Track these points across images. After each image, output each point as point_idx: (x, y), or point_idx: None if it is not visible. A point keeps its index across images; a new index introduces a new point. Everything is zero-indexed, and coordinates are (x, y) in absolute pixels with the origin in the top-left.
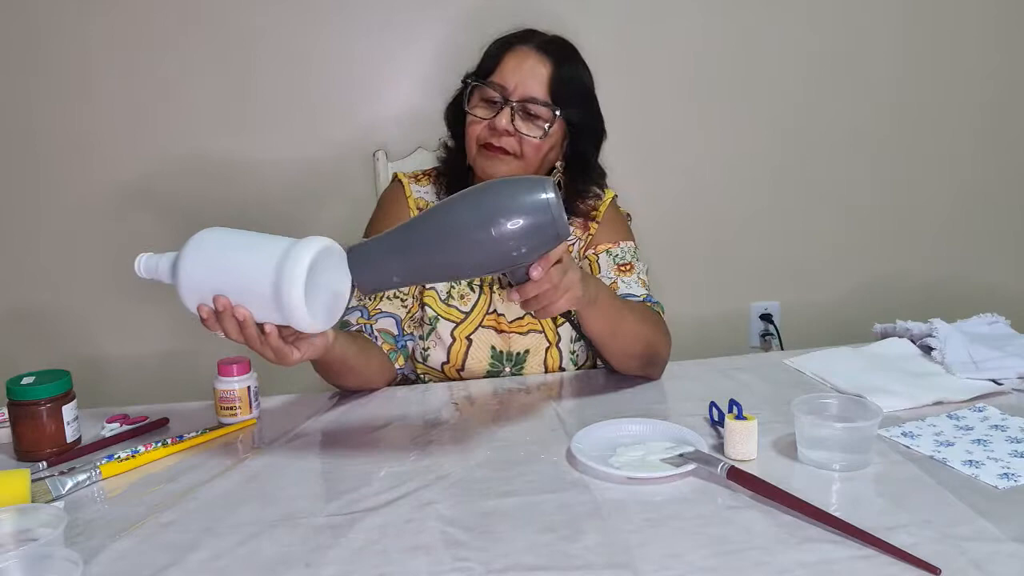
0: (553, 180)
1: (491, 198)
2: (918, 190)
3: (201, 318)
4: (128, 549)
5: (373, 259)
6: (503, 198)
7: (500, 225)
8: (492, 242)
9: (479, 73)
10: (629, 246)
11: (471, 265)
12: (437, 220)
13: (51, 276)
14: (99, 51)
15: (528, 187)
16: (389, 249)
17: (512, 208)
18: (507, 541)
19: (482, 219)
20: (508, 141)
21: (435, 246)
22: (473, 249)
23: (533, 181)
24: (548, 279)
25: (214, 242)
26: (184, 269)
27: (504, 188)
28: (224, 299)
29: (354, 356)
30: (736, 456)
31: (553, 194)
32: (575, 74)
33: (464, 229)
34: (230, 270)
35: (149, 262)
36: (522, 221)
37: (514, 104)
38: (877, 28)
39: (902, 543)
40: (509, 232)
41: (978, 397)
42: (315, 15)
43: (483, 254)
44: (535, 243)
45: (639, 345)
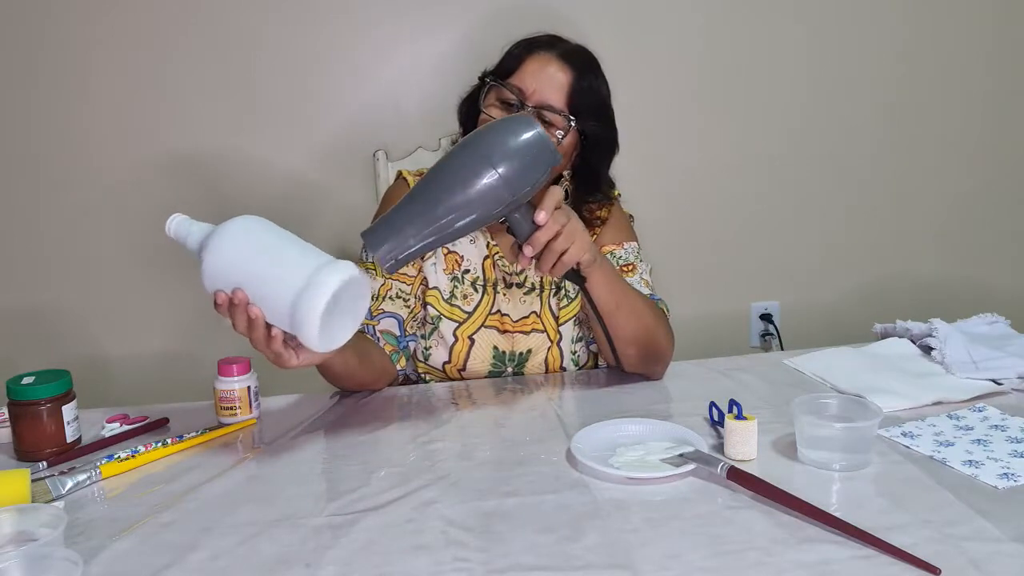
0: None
1: (480, 135)
2: (918, 190)
3: (215, 302)
4: (128, 549)
5: (388, 231)
6: (491, 131)
7: (495, 153)
8: (492, 172)
9: (498, 72)
10: (633, 247)
11: (479, 205)
12: (437, 172)
13: (51, 276)
14: (99, 51)
15: (515, 119)
16: (400, 217)
17: (501, 135)
18: (507, 541)
19: (478, 153)
20: None
21: (441, 196)
22: (476, 186)
23: (519, 117)
24: (555, 221)
25: (251, 235)
26: (213, 250)
27: (491, 125)
28: (243, 294)
29: (355, 361)
30: (736, 456)
31: (538, 123)
32: (594, 86)
33: (463, 169)
34: (257, 270)
35: (181, 226)
36: (513, 142)
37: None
38: (877, 28)
39: (902, 543)
40: (505, 156)
41: (978, 397)
42: (315, 15)
43: (487, 189)
44: (532, 162)
45: (641, 327)
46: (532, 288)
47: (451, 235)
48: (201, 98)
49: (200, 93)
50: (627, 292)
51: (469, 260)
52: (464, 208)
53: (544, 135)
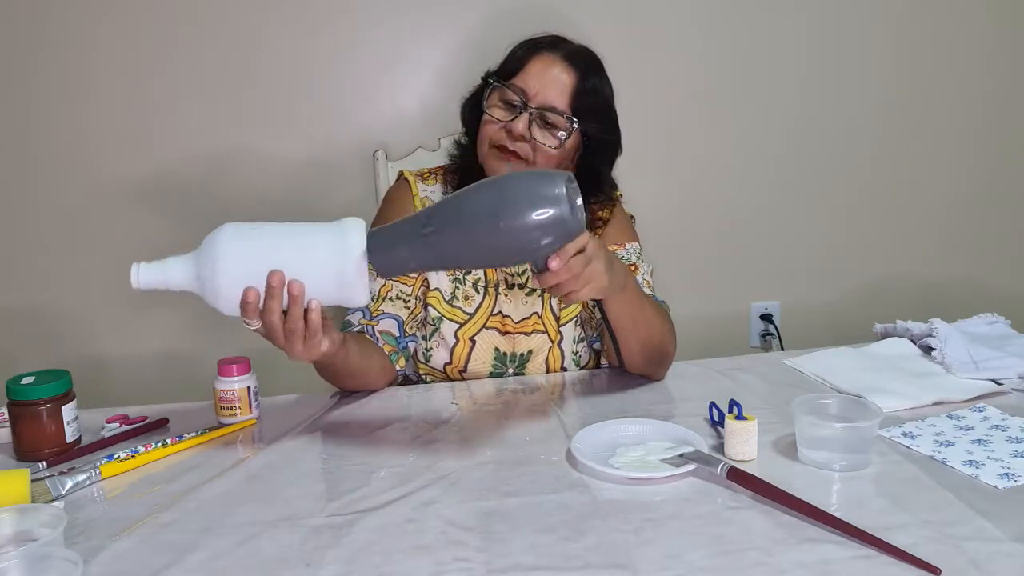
0: (569, 174)
1: (507, 191)
2: (918, 190)
3: (245, 302)
4: (128, 549)
5: (392, 246)
6: (518, 191)
7: (513, 219)
8: (505, 235)
9: (501, 73)
10: (634, 247)
11: (485, 257)
12: (454, 211)
13: (51, 276)
14: (99, 51)
15: (543, 181)
16: (407, 236)
17: (526, 201)
18: (507, 541)
19: (496, 212)
20: (522, 147)
21: (451, 237)
22: (487, 242)
23: (548, 176)
24: (567, 269)
25: (246, 232)
26: (222, 263)
27: (520, 181)
28: (280, 274)
29: (356, 358)
30: (736, 456)
31: (565, 189)
32: (598, 88)
33: (479, 221)
34: (280, 252)
35: (148, 273)
36: (536, 215)
37: (533, 110)
38: (878, 29)
39: (902, 543)
40: (522, 225)
41: (978, 397)
42: (315, 15)
43: (497, 247)
44: (549, 237)
45: (654, 338)
46: (534, 289)
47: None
48: (201, 98)
49: (200, 93)
50: (644, 309)
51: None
52: (472, 259)
53: (567, 216)
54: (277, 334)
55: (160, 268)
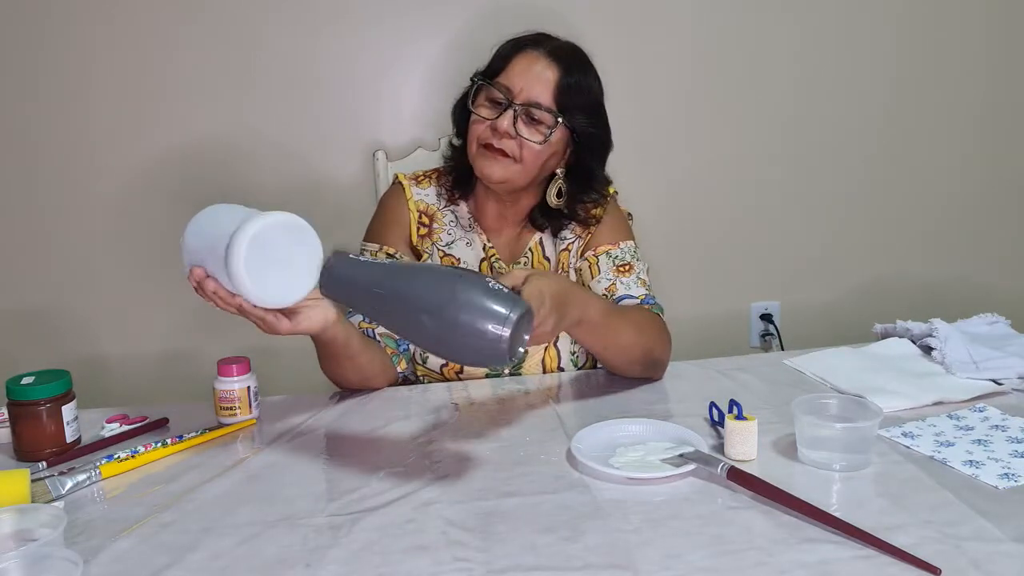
0: (524, 308)
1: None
2: (918, 190)
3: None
4: (128, 549)
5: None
6: (469, 307)
7: (451, 334)
8: (442, 341)
9: (487, 73)
10: (629, 246)
11: (424, 347)
12: (402, 293)
13: (51, 276)
14: (99, 52)
15: (494, 314)
16: (358, 285)
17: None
18: (507, 541)
19: (442, 324)
20: (508, 144)
21: (393, 315)
22: (425, 338)
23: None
24: None
25: (207, 215)
26: (184, 242)
27: (475, 297)
28: (199, 270)
29: (357, 344)
30: (736, 456)
31: (511, 330)
32: (583, 83)
33: (423, 319)
34: (203, 242)
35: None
36: (472, 341)
37: (517, 107)
38: (877, 28)
39: (902, 543)
40: (458, 345)
41: (978, 397)
42: (315, 15)
43: (432, 346)
44: (477, 358)
45: (635, 354)
46: None
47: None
48: (200, 99)
49: (199, 94)
50: (617, 330)
51: (465, 262)
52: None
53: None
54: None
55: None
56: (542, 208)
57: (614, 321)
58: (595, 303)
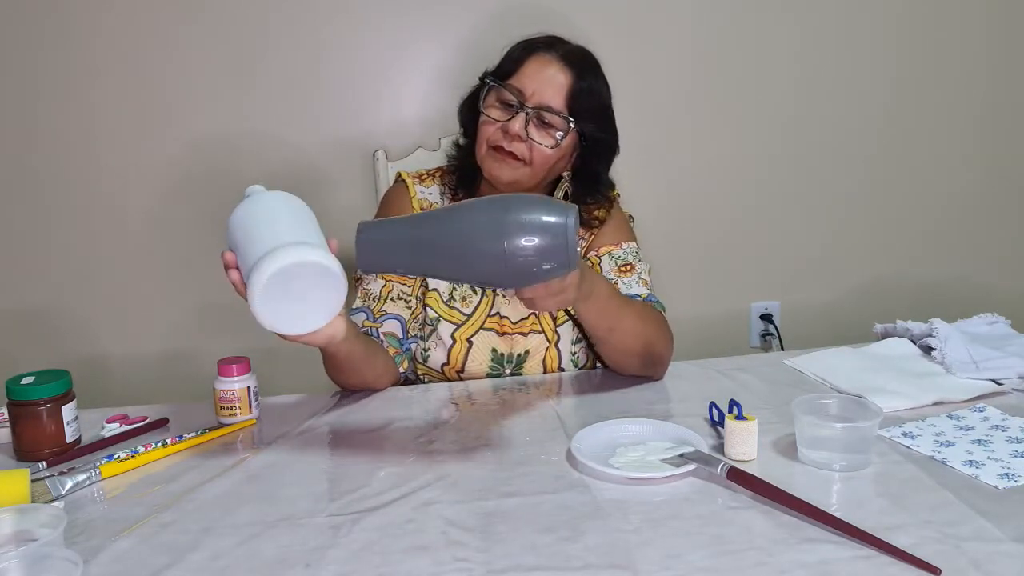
0: (576, 209)
1: (512, 213)
2: (918, 190)
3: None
4: (128, 549)
5: (382, 244)
6: (523, 216)
7: (514, 244)
8: (502, 258)
9: (498, 74)
10: (631, 247)
11: (477, 276)
12: (453, 224)
13: (51, 276)
14: (99, 52)
15: (550, 210)
16: (400, 239)
17: (530, 229)
18: (507, 541)
19: (497, 233)
20: (519, 147)
21: (446, 250)
22: (482, 261)
23: (557, 207)
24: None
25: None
26: (232, 218)
27: (526, 206)
28: (231, 255)
29: (361, 355)
30: (736, 456)
31: (573, 220)
32: (594, 87)
33: (478, 239)
34: (243, 235)
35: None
36: (537, 241)
37: (529, 110)
38: (877, 28)
39: (902, 543)
40: (521, 251)
41: (978, 397)
42: (315, 15)
43: (491, 267)
44: (545, 268)
45: (637, 344)
46: None
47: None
48: (201, 98)
49: (199, 93)
50: (621, 314)
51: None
52: (463, 275)
53: (572, 243)
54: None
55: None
56: None
57: (621, 304)
58: (605, 281)
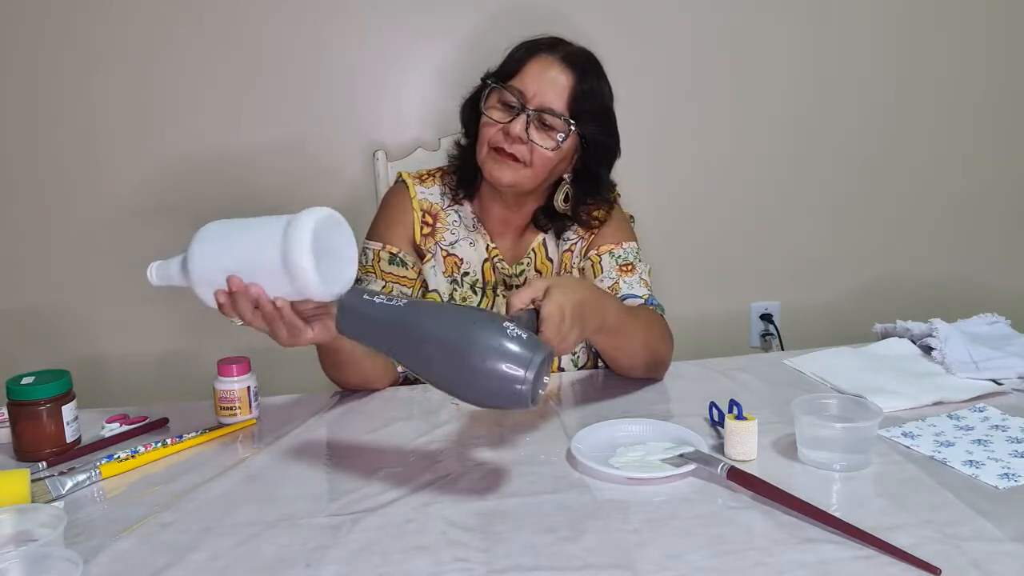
0: (546, 352)
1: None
2: (918, 190)
3: (219, 303)
4: (128, 549)
5: (359, 323)
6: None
7: (473, 381)
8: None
9: (500, 75)
10: (632, 247)
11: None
12: (423, 334)
13: (52, 276)
14: (100, 53)
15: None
16: (375, 326)
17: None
18: (507, 541)
19: (461, 370)
20: (519, 148)
21: (412, 356)
22: (443, 380)
23: (523, 358)
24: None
25: (217, 231)
26: (193, 263)
27: (495, 343)
28: (237, 279)
29: (360, 352)
30: (736, 456)
31: (533, 375)
32: (596, 89)
33: (441, 364)
34: (237, 252)
35: (160, 269)
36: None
37: (530, 112)
38: (877, 28)
39: (902, 543)
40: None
41: (978, 397)
42: (315, 15)
43: (449, 388)
44: (499, 403)
45: (643, 355)
46: None
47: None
48: (201, 99)
49: (200, 94)
50: (629, 333)
51: (468, 263)
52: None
53: (526, 396)
54: (259, 326)
55: (163, 267)
56: (546, 210)
57: (629, 324)
58: (612, 307)
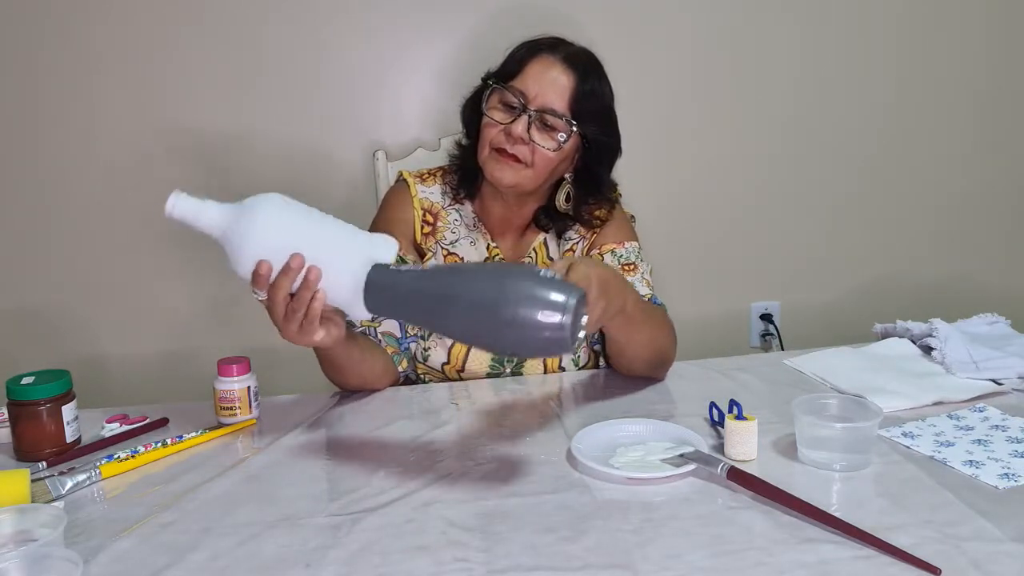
0: (580, 293)
1: (511, 295)
2: (918, 190)
3: (257, 272)
4: (128, 549)
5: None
6: (524, 300)
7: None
8: (501, 339)
9: (501, 75)
10: (633, 246)
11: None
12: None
13: (52, 276)
14: (100, 52)
15: (551, 303)
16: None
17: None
18: (507, 541)
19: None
20: (521, 149)
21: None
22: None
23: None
24: None
25: (286, 208)
26: (255, 223)
27: (528, 289)
28: (301, 258)
29: (358, 354)
30: (736, 456)
31: (571, 317)
32: (597, 89)
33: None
34: (313, 238)
35: (186, 203)
36: (532, 336)
37: (532, 113)
38: (877, 28)
39: (902, 543)
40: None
41: (978, 397)
42: (316, 15)
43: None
44: (541, 353)
45: (649, 351)
46: None
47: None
48: (201, 98)
49: (200, 93)
50: (642, 328)
51: (469, 262)
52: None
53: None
54: (278, 311)
55: (198, 205)
56: (547, 210)
57: (644, 315)
58: (631, 293)
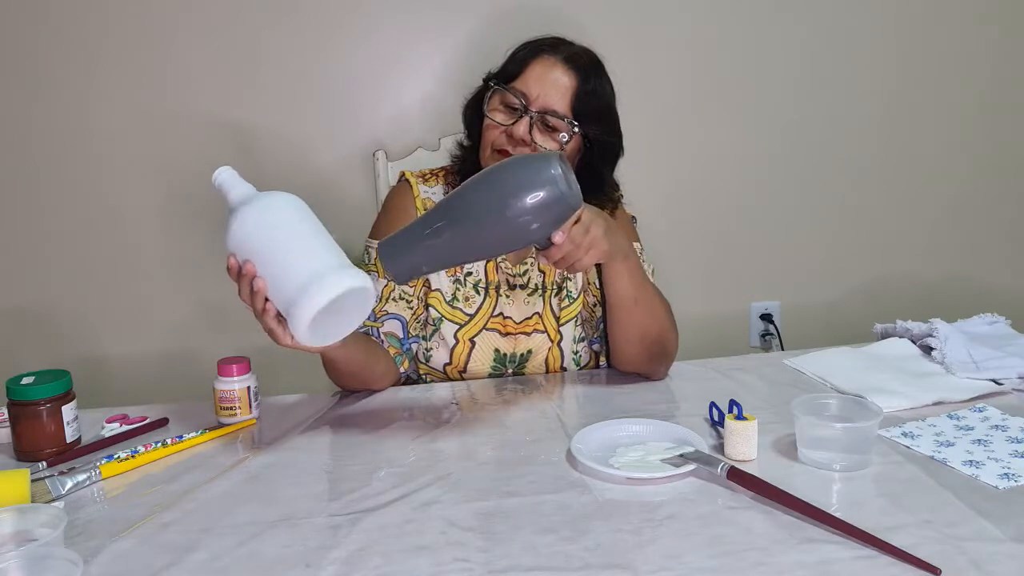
0: (559, 153)
1: (502, 179)
2: (918, 190)
3: (228, 266)
4: (128, 549)
5: (401, 251)
6: (514, 179)
7: (513, 206)
8: (509, 222)
9: (502, 76)
10: (636, 246)
11: (493, 245)
12: (454, 207)
13: (52, 276)
14: (100, 51)
15: (536, 165)
16: (414, 239)
17: (523, 187)
18: (507, 541)
19: (496, 202)
20: (523, 150)
21: (455, 233)
22: (492, 231)
23: (540, 159)
24: (570, 240)
25: (283, 212)
26: (242, 217)
27: (514, 168)
28: (251, 266)
29: (360, 358)
30: (736, 456)
31: (560, 169)
32: (598, 90)
33: (480, 213)
34: (273, 249)
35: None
36: (534, 198)
37: (534, 114)
38: (877, 28)
39: (902, 543)
40: (523, 210)
41: (978, 397)
42: (316, 15)
43: (504, 236)
44: (551, 216)
45: (655, 326)
46: (535, 289)
47: (466, 263)
48: (201, 98)
49: (200, 93)
50: (647, 289)
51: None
52: (481, 250)
53: (565, 193)
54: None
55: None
56: None
57: (647, 280)
58: (635, 253)
